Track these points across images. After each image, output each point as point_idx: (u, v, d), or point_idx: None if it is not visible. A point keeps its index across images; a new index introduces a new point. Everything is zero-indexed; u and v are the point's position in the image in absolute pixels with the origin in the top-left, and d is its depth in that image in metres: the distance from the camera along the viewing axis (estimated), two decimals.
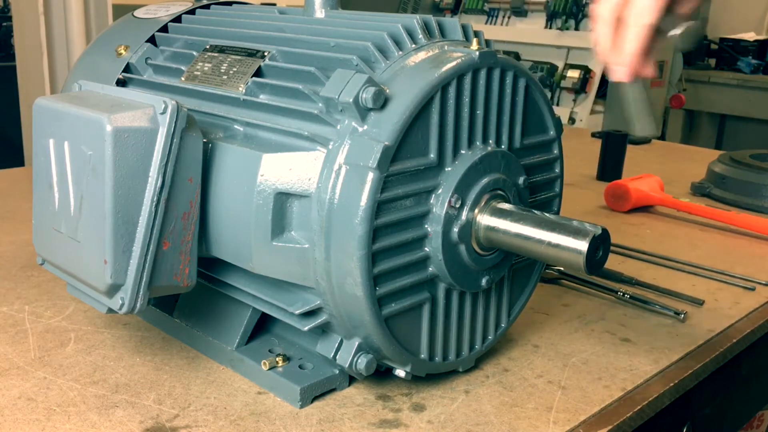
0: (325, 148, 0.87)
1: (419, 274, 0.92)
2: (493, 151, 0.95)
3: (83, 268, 0.91)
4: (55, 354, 1.06)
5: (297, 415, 0.94)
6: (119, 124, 0.84)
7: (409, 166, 0.87)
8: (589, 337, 1.18)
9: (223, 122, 0.99)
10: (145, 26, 1.20)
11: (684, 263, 1.49)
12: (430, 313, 0.95)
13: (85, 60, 1.26)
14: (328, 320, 0.92)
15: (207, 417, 0.92)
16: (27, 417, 0.91)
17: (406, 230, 0.89)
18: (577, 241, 0.86)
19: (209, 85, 1.03)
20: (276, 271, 0.91)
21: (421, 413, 0.95)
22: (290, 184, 0.88)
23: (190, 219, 0.91)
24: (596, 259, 0.86)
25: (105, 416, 0.92)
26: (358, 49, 0.92)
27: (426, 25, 0.95)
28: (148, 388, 0.99)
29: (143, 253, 0.87)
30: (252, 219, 0.89)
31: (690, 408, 1.17)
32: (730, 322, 1.25)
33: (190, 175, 0.90)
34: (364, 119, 0.86)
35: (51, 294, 1.26)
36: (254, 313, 1.05)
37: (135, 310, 0.88)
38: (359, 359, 0.92)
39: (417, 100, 0.86)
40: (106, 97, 0.94)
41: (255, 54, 1.02)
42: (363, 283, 0.85)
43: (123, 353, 1.07)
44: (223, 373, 1.03)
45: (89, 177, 0.87)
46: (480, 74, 0.93)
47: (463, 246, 0.93)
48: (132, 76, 1.14)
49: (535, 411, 0.96)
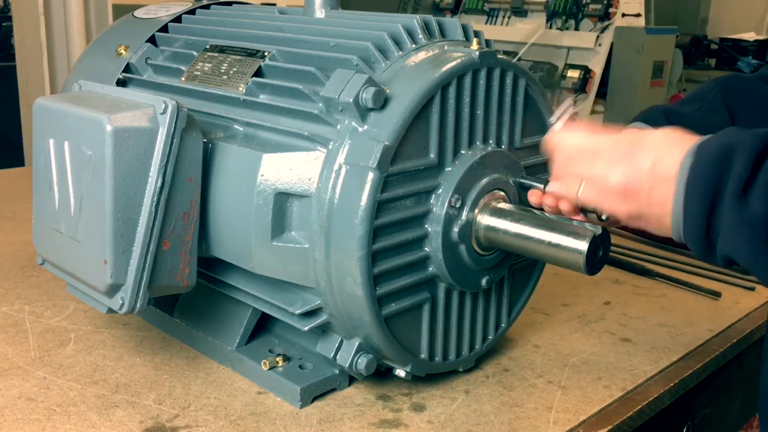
0: (325, 148, 0.87)
1: (419, 274, 0.92)
2: (493, 151, 0.95)
3: (83, 268, 0.91)
4: (55, 354, 1.06)
5: (297, 415, 0.94)
6: (119, 124, 0.84)
7: (409, 166, 0.87)
8: (589, 337, 1.18)
9: (223, 122, 0.99)
10: (145, 26, 1.20)
11: (684, 263, 1.49)
12: (430, 313, 0.95)
13: (85, 60, 1.26)
14: (328, 320, 0.92)
15: (207, 417, 0.92)
16: (27, 417, 0.91)
17: (406, 230, 0.89)
18: (578, 241, 0.86)
19: (209, 85, 1.03)
20: (276, 271, 0.91)
21: (421, 413, 0.95)
22: (290, 184, 0.87)
23: (190, 219, 0.91)
24: (596, 259, 0.86)
25: (105, 416, 0.92)
26: (358, 49, 0.92)
27: (426, 25, 0.95)
28: (148, 388, 0.99)
29: (143, 253, 0.87)
30: (252, 219, 0.89)
31: (690, 408, 1.17)
32: (730, 321, 1.25)
33: (190, 175, 0.90)
34: (364, 119, 0.86)
35: (51, 294, 1.26)
36: (254, 313, 1.05)
37: (135, 310, 0.88)
38: (359, 359, 0.92)
39: (417, 100, 0.86)
40: (106, 97, 0.94)
41: (255, 54, 1.02)
42: (363, 283, 0.85)
43: (123, 353, 1.07)
44: (223, 373, 1.03)
45: (89, 177, 0.87)
46: (480, 74, 0.93)
47: (463, 246, 0.93)
48: (132, 76, 1.14)
49: (535, 411, 0.96)
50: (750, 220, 0.65)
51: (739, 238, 0.66)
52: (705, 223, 0.69)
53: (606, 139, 0.79)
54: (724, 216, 0.67)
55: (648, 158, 0.73)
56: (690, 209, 0.69)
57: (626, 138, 0.77)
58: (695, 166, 0.69)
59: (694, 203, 0.69)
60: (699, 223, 0.69)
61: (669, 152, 0.72)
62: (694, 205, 0.69)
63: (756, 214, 0.64)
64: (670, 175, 0.71)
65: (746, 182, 0.65)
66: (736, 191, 0.65)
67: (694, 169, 0.69)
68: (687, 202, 0.69)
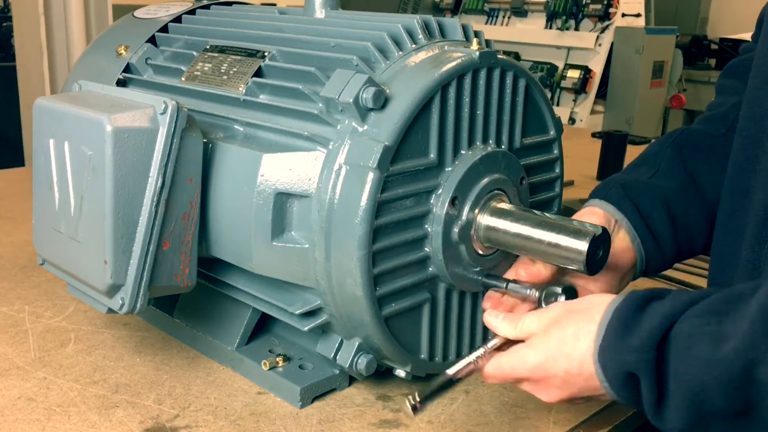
0: (325, 148, 0.87)
1: (419, 274, 0.92)
2: (493, 151, 0.95)
3: (83, 268, 0.91)
4: (55, 354, 1.06)
5: (297, 415, 0.94)
6: (119, 124, 0.84)
7: (410, 166, 0.87)
8: None
9: (223, 122, 0.99)
10: (145, 26, 1.20)
11: (684, 263, 1.49)
12: (430, 313, 0.95)
13: (85, 60, 1.26)
14: (328, 320, 0.92)
15: (207, 417, 0.92)
16: (27, 417, 0.91)
17: (406, 230, 0.89)
18: (578, 241, 0.85)
19: (209, 85, 1.03)
20: (276, 272, 0.91)
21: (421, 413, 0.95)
22: (290, 184, 0.88)
23: (190, 219, 0.91)
24: (596, 259, 0.86)
25: (105, 416, 0.92)
26: (358, 50, 0.92)
27: (426, 25, 0.95)
28: (148, 388, 0.99)
29: (143, 254, 0.87)
30: (252, 219, 0.89)
31: None
32: None
33: (190, 175, 0.90)
34: (364, 119, 0.86)
35: (51, 294, 1.26)
36: (254, 313, 1.05)
37: (135, 310, 0.88)
38: (359, 359, 0.92)
39: (417, 101, 0.86)
40: (106, 97, 0.94)
41: (255, 54, 1.02)
42: (363, 283, 0.85)
43: (123, 353, 1.07)
44: (223, 373, 1.03)
45: (89, 177, 0.87)
46: (480, 74, 0.93)
47: (463, 246, 0.93)
48: (132, 77, 1.14)
49: (536, 411, 0.96)
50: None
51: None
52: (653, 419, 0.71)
53: (528, 358, 0.77)
54: (654, 425, 0.70)
55: (569, 363, 0.73)
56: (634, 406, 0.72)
57: (542, 353, 0.76)
58: (611, 383, 0.70)
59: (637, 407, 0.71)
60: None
61: (579, 359, 0.73)
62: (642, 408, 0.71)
63: (679, 430, 0.67)
64: (589, 373, 0.72)
65: (657, 403, 0.67)
66: (653, 413, 0.68)
67: (612, 385, 0.71)
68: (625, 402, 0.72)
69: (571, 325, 0.74)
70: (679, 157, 1.00)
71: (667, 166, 1.00)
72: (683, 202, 0.97)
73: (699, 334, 0.64)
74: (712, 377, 0.62)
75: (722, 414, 0.64)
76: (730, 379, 0.61)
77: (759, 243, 0.80)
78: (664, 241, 0.96)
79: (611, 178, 1.01)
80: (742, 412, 0.63)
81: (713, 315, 0.65)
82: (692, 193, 0.98)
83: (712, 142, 1.00)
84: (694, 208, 0.98)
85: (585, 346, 0.72)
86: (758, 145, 0.83)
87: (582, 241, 0.85)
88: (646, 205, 0.96)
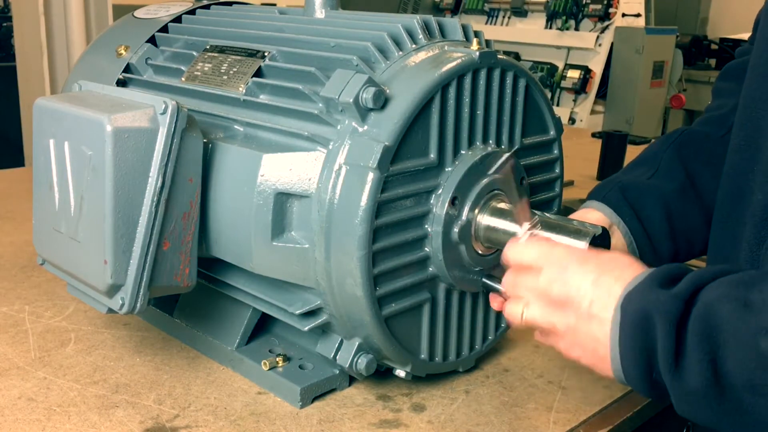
0: (325, 148, 0.87)
1: (419, 274, 0.92)
2: (494, 151, 0.95)
3: (83, 268, 0.91)
4: (55, 354, 1.06)
5: (297, 415, 0.94)
6: (119, 124, 0.84)
7: (409, 166, 0.87)
8: None
9: (223, 122, 0.99)
10: (145, 26, 1.20)
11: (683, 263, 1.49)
12: (430, 313, 0.95)
13: (85, 60, 1.26)
14: (328, 320, 0.92)
15: (207, 417, 0.92)
16: (27, 417, 0.91)
17: (406, 230, 0.89)
18: (577, 241, 0.85)
19: (209, 85, 1.03)
20: (276, 272, 0.91)
21: (421, 413, 0.95)
22: (290, 184, 0.88)
23: (190, 219, 0.91)
24: None
25: (105, 416, 0.92)
26: (358, 50, 0.92)
27: (426, 25, 0.95)
28: (148, 388, 0.99)
29: (143, 254, 0.87)
30: (252, 219, 0.89)
31: None
32: None
33: (190, 175, 0.90)
34: (364, 119, 0.86)
35: (51, 294, 1.26)
36: (254, 313, 1.05)
37: (135, 310, 0.88)
38: (359, 359, 0.92)
39: (417, 101, 0.86)
40: (107, 97, 0.94)
41: (255, 54, 1.02)
42: (363, 283, 0.85)
43: (123, 353, 1.07)
44: (223, 373, 1.03)
45: (89, 177, 0.87)
46: (480, 74, 0.93)
47: (463, 246, 0.93)
48: (132, 77, 1.14)
49: (536, 411, 0.96)
50: (691, 393, 0.66)
51: (687, 407, 0.68)
52: (649, 387, 0.70)
53: (557, 253, 0.78)
54: (666, 382, 0.68)
55: (589, 278, 0.73)
56: (629, 375, 0.71)
57: (575, 255, 0.77)
58: (623, 330, 0.70)
59: (632, 370, 0.70)
60: (643, 388, 0.71)
61: (607, 291, 0.72)
62: (633, 372, 0.70)
63: (694, 388, 0.65)
64: (605, 317, 0.72)
65: (675, 356, 0.66)
66: (669, 367, 0.67)
67: (623, 333, 0.70)
68: (625, 367, 0.71)
69: (613, 265, 0.73)
70: (678, 157, 1.00)
71: (667, 167, 1.00)
72: (682, 204, 0.97)
73: (727, 298, 0.64)
74: (734, 339, 0.62)
75: (739, 381, 0.63)
76: (754, 344, 0.61)
77: (757, 243, 0.80)
78: (661, 244, 0.96)
79: (610, 179, 1.01)
80: (760, 385, 0.62)
81: (741, 284, 0.65)
82: (691, 195, 0.98)
83: (712, 143, 1.00)
84: (692, 210, 0.97)
85: (616, 289, 0.71)
86: (755, 146, 0.83)
87: (582, 241, 0.85)
88: (644, 207, 0.96)
